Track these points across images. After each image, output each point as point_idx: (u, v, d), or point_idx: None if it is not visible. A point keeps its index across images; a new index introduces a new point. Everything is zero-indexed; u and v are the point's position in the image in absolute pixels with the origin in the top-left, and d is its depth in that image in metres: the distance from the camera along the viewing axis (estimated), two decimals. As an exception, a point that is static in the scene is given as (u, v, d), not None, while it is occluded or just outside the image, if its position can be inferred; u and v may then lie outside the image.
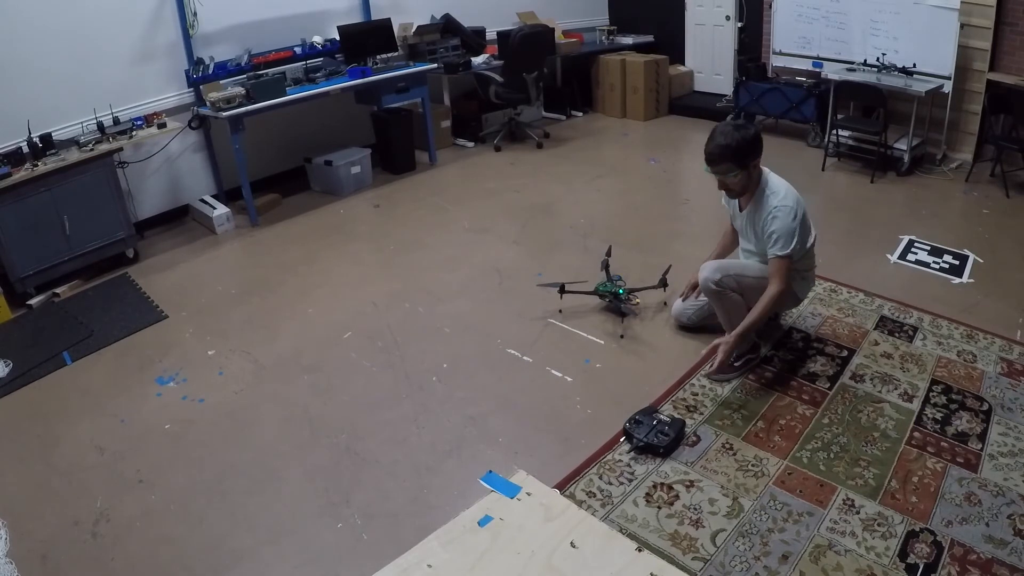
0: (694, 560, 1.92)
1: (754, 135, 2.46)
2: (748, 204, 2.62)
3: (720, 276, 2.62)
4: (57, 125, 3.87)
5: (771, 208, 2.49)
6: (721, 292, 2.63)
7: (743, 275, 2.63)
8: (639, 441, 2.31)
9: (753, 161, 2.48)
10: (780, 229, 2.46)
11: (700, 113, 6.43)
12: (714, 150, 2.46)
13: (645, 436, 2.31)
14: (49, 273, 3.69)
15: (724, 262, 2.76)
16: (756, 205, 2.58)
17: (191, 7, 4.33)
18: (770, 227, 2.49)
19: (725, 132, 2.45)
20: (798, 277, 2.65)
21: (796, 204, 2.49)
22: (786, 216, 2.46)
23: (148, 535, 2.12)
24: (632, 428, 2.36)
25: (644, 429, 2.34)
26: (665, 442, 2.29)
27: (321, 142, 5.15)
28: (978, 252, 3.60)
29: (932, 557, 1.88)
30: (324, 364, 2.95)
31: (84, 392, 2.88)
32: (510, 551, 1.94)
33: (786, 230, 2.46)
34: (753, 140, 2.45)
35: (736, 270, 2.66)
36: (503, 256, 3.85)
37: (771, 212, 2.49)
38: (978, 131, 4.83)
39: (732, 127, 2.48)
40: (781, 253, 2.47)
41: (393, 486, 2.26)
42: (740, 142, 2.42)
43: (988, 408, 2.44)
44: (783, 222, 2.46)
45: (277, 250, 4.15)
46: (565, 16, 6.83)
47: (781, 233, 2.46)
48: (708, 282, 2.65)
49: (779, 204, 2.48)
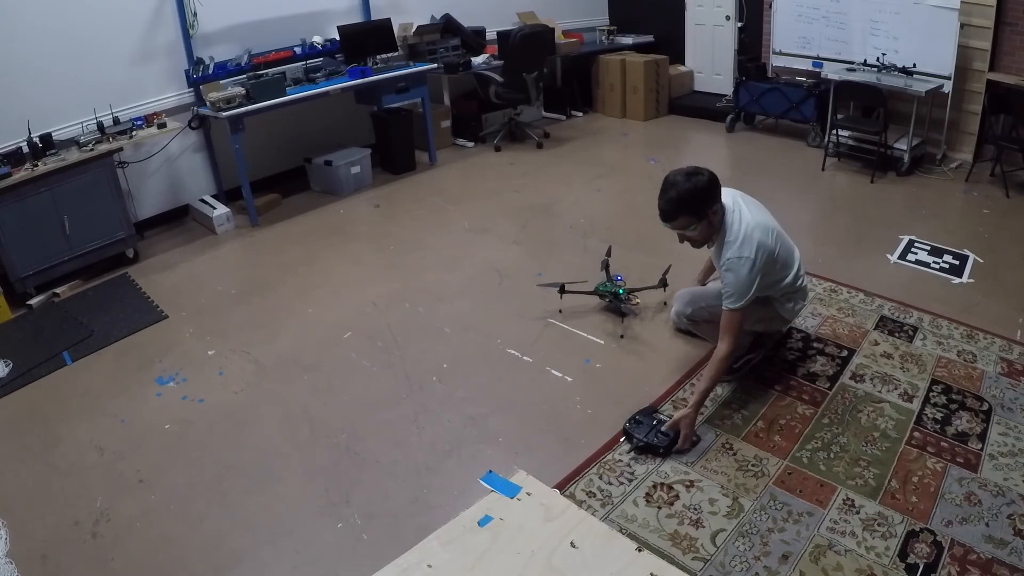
0: (694, 560, 1.92)
1: (707, 181, 2.29)
2: (715, 243, 2.46)
3: (691, 310, 2.68)
4: (57, 125, 3.87)
5: (726, 260, 2.34)
6: (695, 323, 2.71)
7: (715, 305, 2.49)
8: (639, 441, 2.30)
9: (711, 208, 2.31)
10: (733, 283, 2.32)
11: (700, 113, 6.43)
12: (667, 205, 2.30)
13: (645, 436, 2.31)
14: (49, 273, 3.69)
15: (696, 292, 2.75)
16: (718, 248, 2.42)
17: (191, 7, 4.33)
18: (724, 278, 2.36)
19: (676, 183, 2.29)
20: (784, 301, 2.60)
21: (755, 253, 2.30)
22: (740, 269, 2.30)
23: (148, 535, 2.12)
24: (632, 428, 2.35)
25: (644, 429, 2.34)
26: (665, 442, 2.28)
27: (321, 142, 5.15)
28: (978, 252, 3.60)
29: (932, 557, 1.88)
30: (324, 364, 2.95)
31: (84, 392, 2.88)
32: (510, 551, 1.94)
33: (739, 284, 2.31)
34: (708, 186, 2.29)
35: (708, 300, 2.64)
36: (503, 256, 3.85)
37: (725, 264, 2.34)
38: (978, 131, 4.83)
39: (683, 176, 2.30)
40: (732, 307, 2.33)
41: (393, 486, 2.26)
42: (693, 191, 2.26)
43: (988, 408, 2.44)
44: (736, 275, 2.31)
45: (277, 250, 4.15)
46: (565, 16, 6.83)
47: (733, 287, 2.32)
48: (680, 316, 2.73)
49: (733, 256, 2.31)
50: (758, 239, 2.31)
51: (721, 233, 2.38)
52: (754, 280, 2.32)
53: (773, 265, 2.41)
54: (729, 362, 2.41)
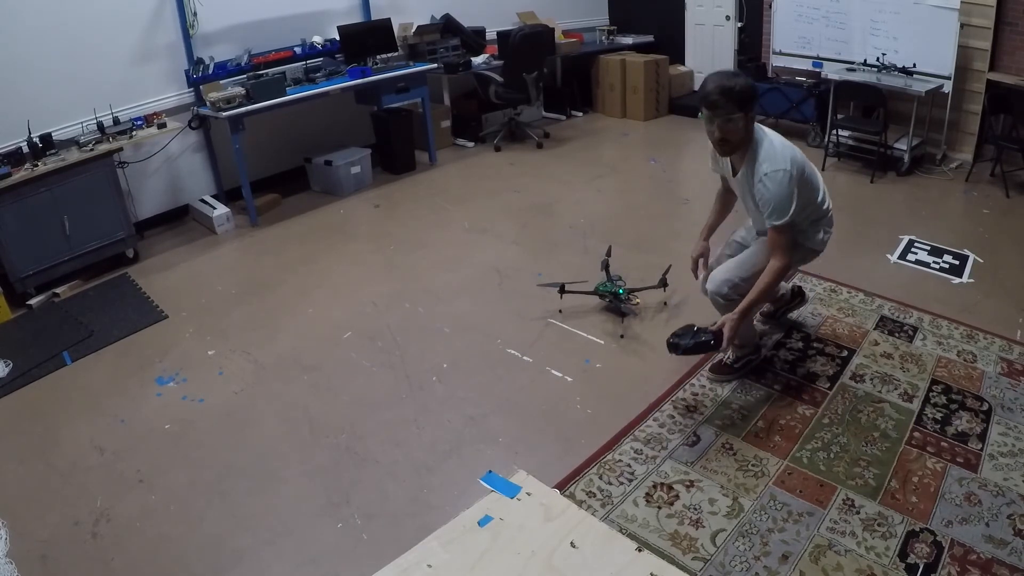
0: (694, 560, 1.92)
1: (750, 82, 2.26)
2: (742, 166, 2.37)
3: (727, 289, 2.46)
4: (57, 125, 3.87)
5: (760, 175, 2.27)
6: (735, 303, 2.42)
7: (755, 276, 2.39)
8: (688, 343, 2.29)
9: (751, 108, 2.25)
10: (773, 198, 2.25)
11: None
12: (715, 91, 2.21)
13: (692, 339, 2.30)
14: (49, 273, 3.69)
15: (732, 267, 2.52)
16: (749, 168, 2.34)
17: (191, 7, 4.33)
18: (761, 195, 2.28)
19: (723, 75, 2.26)
20: (812, 230, 2.51)
21: (791, 165, 2.25)
22: (778, 182, 2.23)
23: (148, 535, 2.12)
24: (676, 340, 2.34)
25: (687, 337, 2.32)
26: (712, 338, 2.28)
27: (321, 142, 5.15)
28: (978, 252, 3.60)
29: (932, 557, 1.88)
30: (324, 364, 2.95)
31: (84, 392, 2.88)
32: (510, 551, 1.93)
33: (779, 198, 2.24)
34: (751, 86, 2.25)
35: (747, 271, 2.46)
36: (503, 256, 3.85)
37: (761, 179, 2.27)
38: (978, 131, 4.83)
39: (729, 73, 2.30)
40: (777, 223, 2.27)
41: (393, 486, 2.26)
42: (742, 85, 2.22)
43: (988, 408, 2.44)
44: (775, 190, 2.24)
45: (277, 250, 4.15)
46: (565, 16, 6.83)
47: (774, 202, 2.25)
48: (717, 296, 2.50)
49: (770, 170, 2.25)
50: (790, 154, 2.29)
51: (751, 153, 2.32)
52: (793, 193, 2.25)
53: (807, 183, 2.37)
54: (783, 276, 2.40)
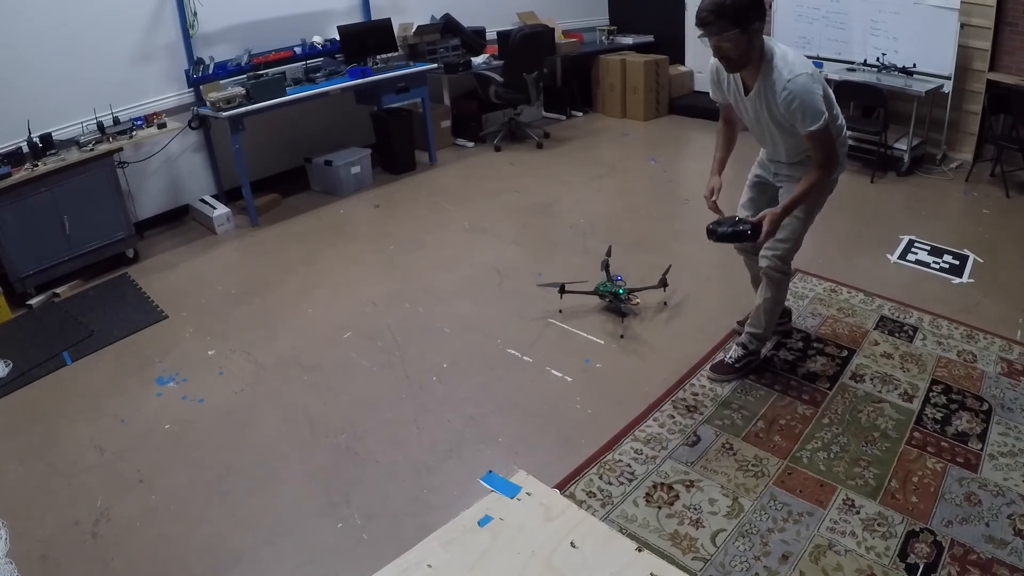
0: (694, 560, 1.92)
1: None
2: (755, 83, 2.23)
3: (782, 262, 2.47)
4: (57, 125, 3.86)
5: (783, 83, 2.14)
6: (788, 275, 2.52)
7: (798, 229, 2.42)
8: (725, 230, 2.23)
9: (754, 24, 2.11)
10: (803, 104, 2.13)
11: (700, 113, 6.42)
12: (706, 7, 2.10)
13: (731, 227, 2.24)
14: (49, 273, 3.69)
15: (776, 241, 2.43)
16: (765, 83, 2.20)
17: (191, 7, 4.33)
18: (791, 106, 2.15)
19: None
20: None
21: (809, 68, 2.16)
22: (803, 85, 2.12)
23: (148, 535, 2.12)
24: (714, 226, 2.27)
25: (726, 225, 2.26)
26: (750, 227, 2.21)
27: (321, 142, 5.15)
28: (978, 252, 3.60)
29: (932, 557, 1.88)
30: (324, 364, 2.95)
31: (84, 392, 2.88)
32: (510, 551, 1.93)
33: (809, 100, 2.13)
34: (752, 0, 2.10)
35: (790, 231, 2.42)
36: (503, 256, 3.85)
37: (784, 87, 2.14)
38: (978, 131, 4.83)
39: None
40: (813, 127, 2.15)
41: (393, 486, 2.26)
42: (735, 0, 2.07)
43: (988, 408, 2.44)
44: (802, 94, 2.13)
45: (277, 250, 4.15)
46: (565, 16, 6.83)
47: (804, 105, 2.13)
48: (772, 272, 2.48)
49: (791, 76, 2.13)
50: (807, 61, 2.20)
51: (765, 66, 2.19)
52: (820, 93, 2.15)
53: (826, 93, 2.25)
54: (831, 174, 2.30)
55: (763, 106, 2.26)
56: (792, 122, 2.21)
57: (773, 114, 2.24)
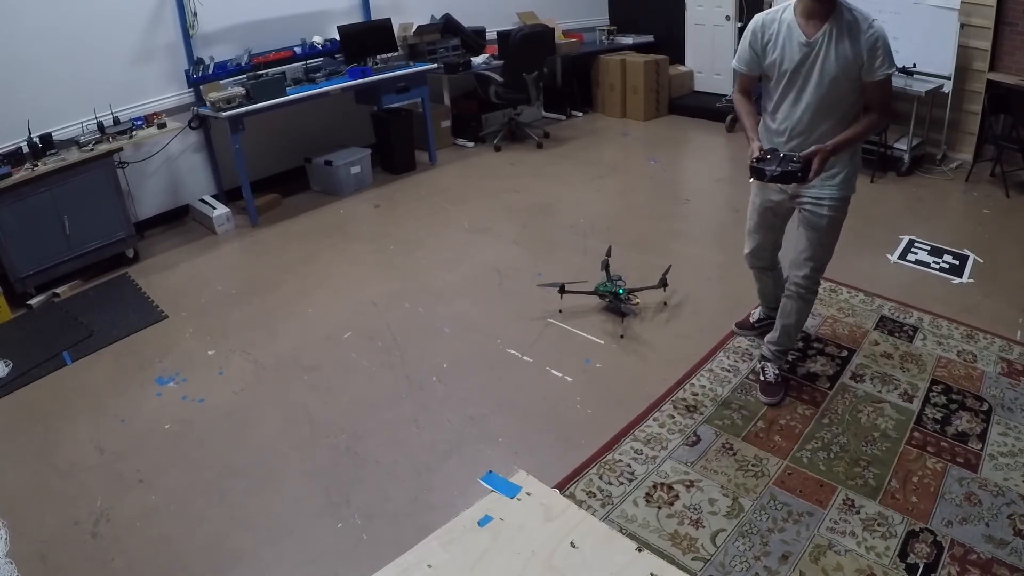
0: (694, 560, 1.92)
1: None
2: (822, 28, 2.16)
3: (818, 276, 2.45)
4: (57, 125, 3.87)
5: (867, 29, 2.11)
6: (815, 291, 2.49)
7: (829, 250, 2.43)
8: (772, 172, 2.09)
9: None
10: (886, 46, 2.12)
11: (700, 113, 6.43)
12: None
13: (778, 166, 2.10)
14: (49, 273, 3.69)
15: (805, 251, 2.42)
16: (838, 25, 2.14)
17: (191, 7, 4.33)
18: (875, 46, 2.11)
19: None
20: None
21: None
22: (884, 32, 2.12)
23: (148, 535, 2.12)
24: (760, 164, 2.13)
25: (772, 163, 2.12)
26: (799, 167, 2.10)
27: (321, 142, 5.15)
28: (978, 252, 3.60)
29: (932, 557, 1.88)
30: (324, 364, 2.95)
31: (84, 392, 2.88)
32: (510, 551, 1.93)
33: (889, 46, 2.13)
34: None
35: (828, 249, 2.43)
36: (503, 256, 3.85)
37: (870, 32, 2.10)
38: (978, 131, 4.82)
39: None
40: (890, 70, 2.14)
41: (393, 486, 2.26)
42: None
43: (988, 408, 2.44)
44: (885, 39, 2.11)
45: (277, 250, 4.15)
46: (565, 16, 6.83)
47: (887, 50, 2.12)
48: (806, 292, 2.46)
49: (873, 21, 2.12)
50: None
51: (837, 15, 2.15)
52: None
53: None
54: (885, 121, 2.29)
55: (827, 51, 2.16)
56: (864, 65, 2.14)
57: (838, 58, 2.15)
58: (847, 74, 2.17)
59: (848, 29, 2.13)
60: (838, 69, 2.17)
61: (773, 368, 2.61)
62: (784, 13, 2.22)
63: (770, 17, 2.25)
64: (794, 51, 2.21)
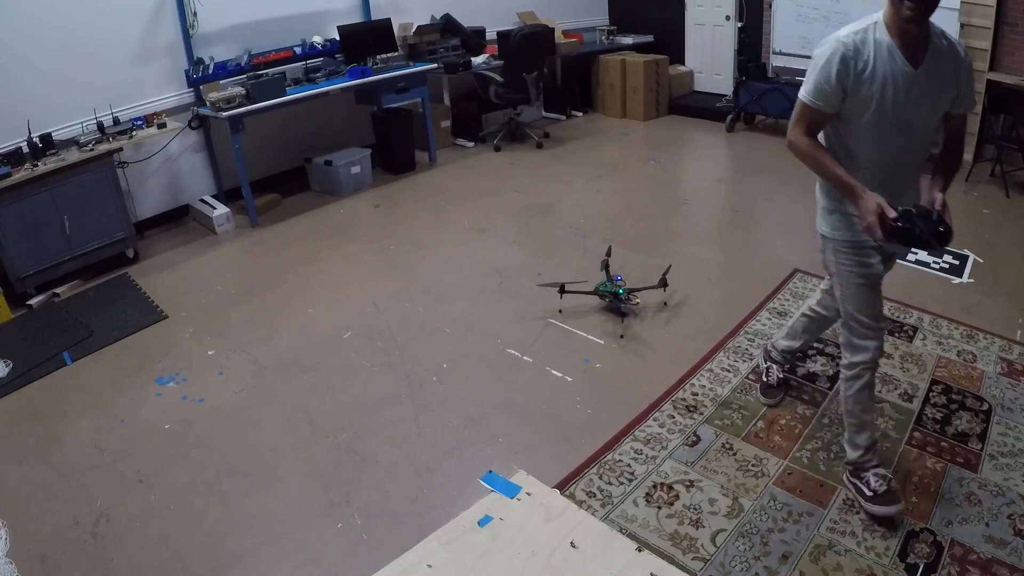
0: (694, 560, 1.92)
1: None
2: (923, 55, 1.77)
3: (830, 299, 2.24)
4: (57, 125, 3.87)
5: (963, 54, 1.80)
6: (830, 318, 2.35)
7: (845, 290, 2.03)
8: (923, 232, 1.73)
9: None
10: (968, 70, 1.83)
11: (700, 113, 6.43)
12: None
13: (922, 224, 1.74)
14: (49, 273, 3.69)
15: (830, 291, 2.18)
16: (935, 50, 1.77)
17: (191, 7, 4.33)
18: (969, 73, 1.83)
19: None
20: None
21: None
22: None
23: (148, 535, 2.12)
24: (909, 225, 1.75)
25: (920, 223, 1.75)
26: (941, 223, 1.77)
27: (321, 142, 5.16)
28: (978, 252, 3.59)
29: (932, 557, 1.88)
30: (324, 364, 2.95)
31: (84, 392, 2.88)
32: (510, 551, 1.93)
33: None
34: None
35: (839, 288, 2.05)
36: (503, 256, 3.85)
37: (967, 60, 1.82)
38: (978, 131, 4.82)
39: None
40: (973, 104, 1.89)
41: (393, 486, 2.26)
42: None
43: (988, 408, 2.44)
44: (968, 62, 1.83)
45: (277, 250, 4.15)
46: (565, 16, 6.84)
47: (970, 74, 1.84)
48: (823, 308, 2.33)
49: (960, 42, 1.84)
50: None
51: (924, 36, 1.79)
52: None
53: None
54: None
55: (931, 82, 1.79)
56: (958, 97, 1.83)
57: (941, 91, 1.81)
58: (944, 108, 1.86)
59: (948, 52, 1.80)
60: (942, 104, 1.83)
61: (778, 371, 2.60)
62: (875, 33, 1.79)
63: (860, 38, 1.79)
64: (899, 83, 1.77)
